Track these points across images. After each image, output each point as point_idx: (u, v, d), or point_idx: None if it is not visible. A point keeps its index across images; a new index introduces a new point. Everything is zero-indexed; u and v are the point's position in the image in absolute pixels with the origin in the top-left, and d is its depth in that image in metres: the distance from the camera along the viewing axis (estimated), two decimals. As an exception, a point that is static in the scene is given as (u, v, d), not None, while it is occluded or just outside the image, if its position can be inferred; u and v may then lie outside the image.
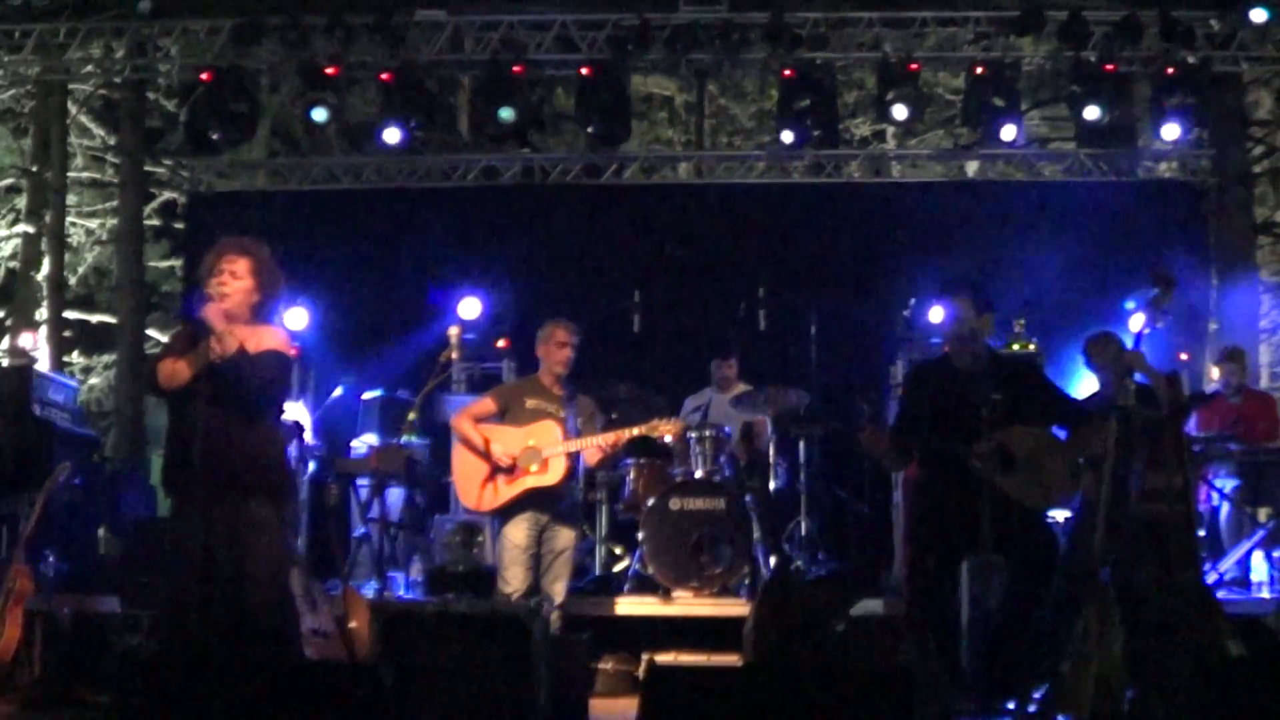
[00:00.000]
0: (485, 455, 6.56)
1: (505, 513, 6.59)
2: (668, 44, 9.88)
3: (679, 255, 10.49)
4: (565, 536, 6.65)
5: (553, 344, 6.73)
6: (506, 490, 6.55)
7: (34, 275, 15.96)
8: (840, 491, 8.86)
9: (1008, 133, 9.86)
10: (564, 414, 6.64)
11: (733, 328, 9.14)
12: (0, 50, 10.29)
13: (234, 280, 4.86)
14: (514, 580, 6.47)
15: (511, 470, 6.54)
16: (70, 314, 16.61)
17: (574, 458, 6.63)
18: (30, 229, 15.86)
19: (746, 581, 7.40)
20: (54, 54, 10.30)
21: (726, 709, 3.98)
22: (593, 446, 6.60)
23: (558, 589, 6.59)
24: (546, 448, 6.54)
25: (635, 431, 6.68)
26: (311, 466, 8.13)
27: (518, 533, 6.53)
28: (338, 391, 8.93)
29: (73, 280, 17.15)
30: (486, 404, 6.78)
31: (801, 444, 8.31)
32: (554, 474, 6.53)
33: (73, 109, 15.92)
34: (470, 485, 6.63)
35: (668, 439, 7.05)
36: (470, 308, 9.03)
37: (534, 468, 6.52)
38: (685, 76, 14.72)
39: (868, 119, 16.67)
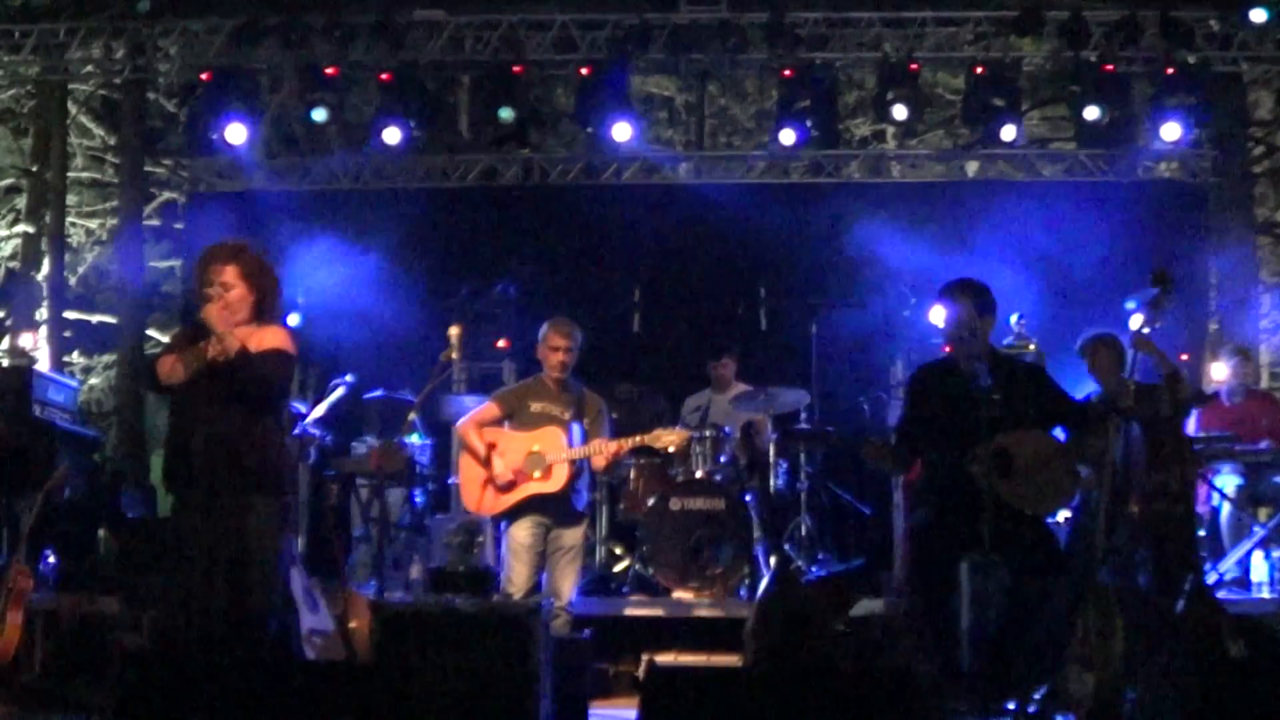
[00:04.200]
0: (487, 464, 6.57)
1: (510, 515, 6.60)
2: (668, 44, 9.89)
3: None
4: (571, 535, 6.65)
5: (546, 348, 6.69)
6: (510, 496, 6.56)
7: (34, 275, 15.95)
8: (840, 491, 8.87)
9: (1008, 133, 9.86)
10: (568, 417, 6.63)
11: (732, 328, 9.13)
12: (0, 50, 10.29)
13: (226, 291, 4.87)
14: (518, 579, 6.49)
15: (513, 483, 6.55)
16: (70, 314, 16.59)
17: (578, 463, 6.60)
18: (30, 229, 15.85)
19: (746, 581, 7.40)
20: (54, 54, 10.29)
21: (726, 709, 3.98)
22: (597, 454, 6.58)
23: (565, 588, 6.59)
24: (550, 454, 6.52)
25: (637, 440, 6.65)
26: (312, 455, 8.10)
27: (523, 532, 6.55)
28: (338, 391, 8.92)
29: (73, 280, 17.14)
30: (491, 409, 6.75)
31: (801, 443, 8.30)
32: (556, 480, 6.52)
33: (73, 109, 15.90)
34: (474, 490, 6.65)
35: (670, 449, 7.01)
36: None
37: (537, 474, 6.52)
38: (685, 76, 14.68)
39: (868, 119, 16.63)
